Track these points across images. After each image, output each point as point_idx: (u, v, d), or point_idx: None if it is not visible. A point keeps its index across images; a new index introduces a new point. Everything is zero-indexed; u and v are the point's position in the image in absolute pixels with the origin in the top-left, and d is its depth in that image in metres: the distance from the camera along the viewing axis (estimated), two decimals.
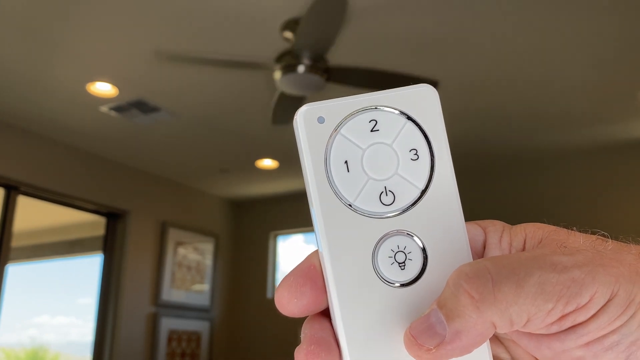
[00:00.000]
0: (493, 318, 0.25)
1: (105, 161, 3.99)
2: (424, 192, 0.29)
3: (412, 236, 0.29)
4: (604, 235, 0.29)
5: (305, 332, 0.28)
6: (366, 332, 0.27)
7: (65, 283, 4.42)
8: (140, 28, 2.45)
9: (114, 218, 4.12)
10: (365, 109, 0.29)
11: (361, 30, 2.42)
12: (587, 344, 0.26)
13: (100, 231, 4.13)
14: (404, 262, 0.28)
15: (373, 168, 0.29)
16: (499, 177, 3.98)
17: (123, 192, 4.10)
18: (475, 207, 3.85)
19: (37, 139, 3.58)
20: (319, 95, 2.67)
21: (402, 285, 0.28)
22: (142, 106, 3.16)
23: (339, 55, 2.50)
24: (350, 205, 0.28)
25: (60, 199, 3.77)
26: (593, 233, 0.29)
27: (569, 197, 3.72)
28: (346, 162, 0.29)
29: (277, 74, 2.47)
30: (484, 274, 0.25)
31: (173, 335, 4.28)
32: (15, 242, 3.51)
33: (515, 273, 0.25)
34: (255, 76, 2.78)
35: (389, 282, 0.28)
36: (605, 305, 0.25)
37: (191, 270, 4.57)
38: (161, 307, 4.22)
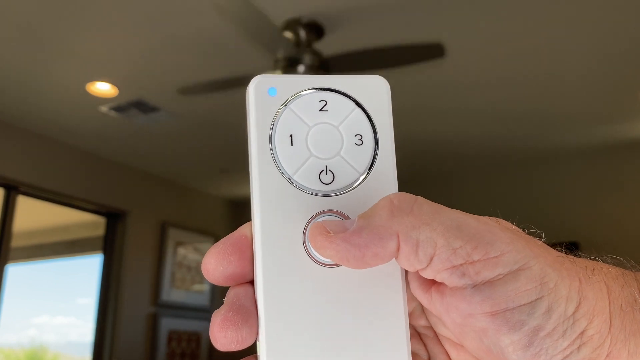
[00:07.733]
0: (400, 228, 0.25)
1: (105, 161, 3.98)
2: (363, 177, 0.29)
3: (345, 218, 0.29)
4: (538, 236, 0.29)
5: (228, 297, 0.28)
6: (287, 307, 0.27)
7: (65, 283, 4.42)
8: (140, 28, 2.45)
9: (113, 218, 4.12)
10: (317, 89, 0.30)
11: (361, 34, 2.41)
12: (493, 314, 0.25)
13: (100, 231, 4.12)
14: None
15: (317, 146, 0.29)
16: (498, 177, 3.98)
17: (123, 192, 4.10)
18: (473, 207, 3.84)
19: (37, 139, 3.58)
20: None
21: (329, 265, 0.28)
22: (142, 106, 3.16)
23: (341, 44, 2.49)
24: (289, 179, 0.28)
25: (60, 199, 3.77)
26: (530, 233, 0.29)
27: (568, 197, 3.72)
28: (291, 136, 0.29)
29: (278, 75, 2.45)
30: (413, 196, 0.27)
31: (173, 336, 4.27)
32: (15, 242, 3.51)
33: (440, 206, 0.26)
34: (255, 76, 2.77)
35: (316, 261, 0.28)
36: (515, 271, 0.25)
37: (191, 271, 4.56)
38: (161, 307, 4.22)
